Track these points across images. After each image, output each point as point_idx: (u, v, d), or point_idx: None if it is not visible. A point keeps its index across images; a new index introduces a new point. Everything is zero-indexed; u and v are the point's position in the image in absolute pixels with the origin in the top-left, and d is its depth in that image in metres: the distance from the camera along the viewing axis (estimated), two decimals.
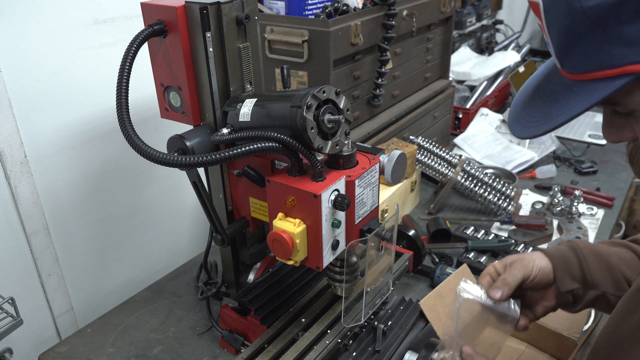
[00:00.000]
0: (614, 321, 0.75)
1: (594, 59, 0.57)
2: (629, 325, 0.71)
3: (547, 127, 0.63)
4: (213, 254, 1.51)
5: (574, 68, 0.61)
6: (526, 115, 0.68)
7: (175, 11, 0.92)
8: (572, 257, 0.94)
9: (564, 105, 0.62)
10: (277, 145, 0.88)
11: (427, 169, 1.80)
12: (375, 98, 1.67)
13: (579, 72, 0.60)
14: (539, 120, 0.65)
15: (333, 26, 1.39)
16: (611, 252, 0.95)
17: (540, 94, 0.69)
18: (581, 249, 0.95)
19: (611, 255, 0.94)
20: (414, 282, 1.45)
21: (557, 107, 0.63)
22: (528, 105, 0.69)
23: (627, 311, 0.73)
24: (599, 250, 0.95)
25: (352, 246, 0.99)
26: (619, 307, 0.75)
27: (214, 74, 0.97)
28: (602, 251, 0.95)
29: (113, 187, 1.46)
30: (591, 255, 0.94)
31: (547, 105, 0.65)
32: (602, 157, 2.12)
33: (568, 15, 0.56)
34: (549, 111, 0.64)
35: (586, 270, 0.93)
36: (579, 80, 0.61)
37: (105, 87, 1.34)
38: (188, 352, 1.24)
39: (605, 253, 0.94)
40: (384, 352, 1.09)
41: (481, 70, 2.61)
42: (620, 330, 0.73)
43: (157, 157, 0.86)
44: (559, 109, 0.62)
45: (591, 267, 0.93)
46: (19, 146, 1.20)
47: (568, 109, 0.61)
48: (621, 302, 0.75)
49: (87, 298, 1.47)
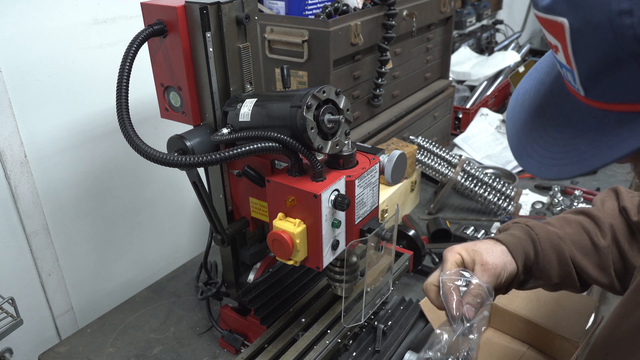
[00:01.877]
0: (612, 322, 0.75)
1: (637, 89, 0.49)
2: (628, 326, 0.70)
3: (583, 170, 0.53)
4: (213, 254, 1.51)
5: (605, 97, 0.52)
6: (539, 149, 0.59)
7: (175, 11, 0.92)
8: (532, 253, 0.94)
9: (595, 142, 0.53)
10: (277, 145, 0.88)
11: (427, 169, 1.79)
12: (375, 98, 1.67)
13: (613, 102, 0.51)
14: (564, 157, 0.55)
15: (333, 26, 1.39)
16: (566, 236, 0.95)
17: (549, 121, 0.60)
18: (540, 241, 0.94)
19: (565, 241, 0.95)
20: (414, 282, 1.45)
21: (586, 143, 0.53)
22: (536, 134, 0.60)
23: (625, 313, 0.72)
24: (555, 241, 0.94)
25: (352, 246, 0.99)
26: (617, 308, 0.75)
27: (214, 74, 0.97)
28: (556, 241, 0.94)
29: (113, 187, 1.46)
30: (548, 248, 0.93)
31: (568, 138, 0.56)
32: None
33: (613, 42, 0.47)
34: (576, 147, 0.54)
35: (542, 267, 0.94)
36: (611, 111, 0.52)
37: (105, 87, 1.34)
38: (188, 352, 1.24)
39: (558, 242, 0.94)
40: (384, 352, 1.09)
41: (481, 70, 2.61)
42: (618, 332, 0.72)
43: (157, 157, 0.86)
44: (590, 146, 0.53)
45: (546, 264, 0.93)
46: (19, 146, 1.20)
47: (606, 147, 0.51)
48: (620, 303, 0.75)
49: (87, 298, 1.47)
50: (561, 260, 0.94)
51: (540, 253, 0.94)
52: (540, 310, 1.16)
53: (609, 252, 0.95)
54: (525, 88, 0.67)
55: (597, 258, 0.95)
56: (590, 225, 0.98)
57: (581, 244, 0.95)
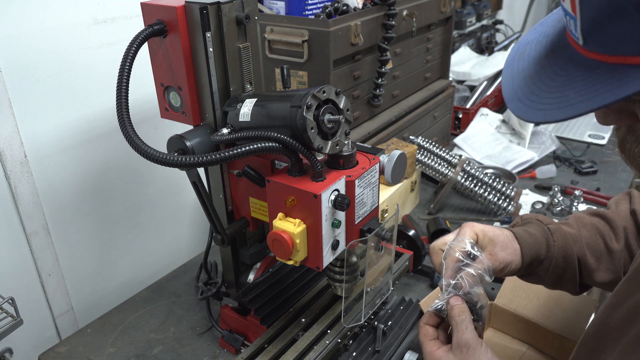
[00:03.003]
0: (603, 312, 0.75)
1: (634, 41, 0.49)
2: (618, 316, 0.70)
3: (566, 114, 0.54)
4: (213, 254, 1.51)
5: (602, 48, 0.52)
6: (530, 94, 0.59)
7: (175, 11, 0.92)
8: (542, 257, 0.95)
9: (584, 90, 0.53)
10: (277, 145, 0.88)
11: (427, 169, 1.79)
12: (375, 98, 1.67)
13: (608, 52, 0.52)
14: (552, 103, 0.56)
15: (333, 26, 1.39)
16: (582, 238, 0.96)
17: (544, 69, 0.60)
18: (555, 247, 0.95)
19: (580, 243, 0.96)
20: (414, 282, 1.45)
21: (575, 91, 0.54)
22: (530, 81, 0.61)
23: (616, 303, 0.72)
24: (568, 249, 0.95)
25: (352, 246, 0.99)
26: (610, 298, 0.75)
27: (214, 74, 0.97)
28: (569, 249, 0.95)
29: (113, 187, 1.46)
30: (560, 257, 0.95)
31: (559, 85, 0.57)
32: (602, 157, 2.12)
33: None
34: (565, 94, 0.55)
35: (547, 271, 0.95)
36: (604, 62, 0.53)
37: (105, 87, 1.34)
38: (188, 352, 1.24)
39: (571, 249, 0.95)
40: (384, 352, 1.09)
41: (481, 70, 2.61)
42: (609, 321, 0.72)
43: (157, 157, 0.86)
44: (578, 94, 0.54)
45: (552, 270, 0.95)
46: (19, 146, 1.20)
47: (593, 95, 0.52)
48: (613, 293, 0.75)
49: (87, 298, 1.47)
50: (568, 269, 0.95)
51: (551, 259, 0.95)
52: (540, 310, 1.16)
53: (622, 256, 0.96)
54: (528, 40, 0.68)
55: (609, 262, 0.96)
56: (605, 228, 0.99)
57: (595, 247, 0.96)
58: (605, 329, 0.73)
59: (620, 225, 0.99)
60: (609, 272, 0.96)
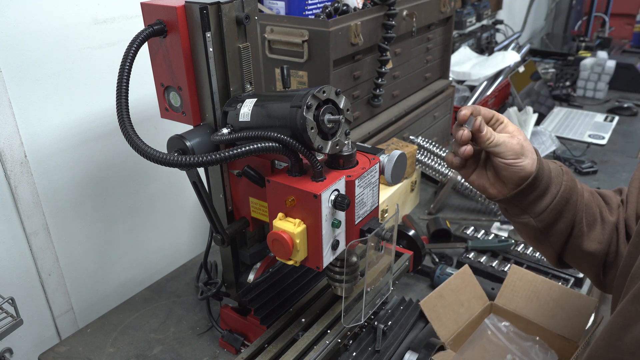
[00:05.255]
0: (610, 333, 0.72)
1: None
2: (630, 339, 0.68)
3: None
4: (213, 254, 1.51)
5: None
6: None
7: (175, 11, 0.92)
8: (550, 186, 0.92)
9: None
10: (277, 145, 0.88)
11: (427, 169, 1.80)
12: (375, 98, 1.67)
13: None
14: None
15: (333, 26, 1.39)
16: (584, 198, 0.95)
17: None
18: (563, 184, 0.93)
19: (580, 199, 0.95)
20: (414, 282, 1.45)
21: None
22: None
23: (625, 324, 0.70)
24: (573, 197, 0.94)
25: (352, 246, 0.99)
26: (615, 318, 0.73)
27: (214, 74, 0.97)
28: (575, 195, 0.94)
29: (113, 187, 1.46)
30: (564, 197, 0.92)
31: None
32: (602, 157, 2.12)
33: None
34: None
35: (545, 208, 0.92)
36: None
37: (105, 87, 1.34)
38: (188, 352, 1.24)
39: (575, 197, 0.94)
40: (384, 352, 1.09)
41: (481, 70, 2.61)
42: (620, 344, 0.70)
43: (157, 157, 0.86)
44: None
45: (551, 209, 0.92)
46: (19, 146, 1.21)
47: None
48: (617, 313, 0.73)
49: (87, 298, 1.47)
50: (564, 217, 0.93)
51: (554, 196, 0.91)
52: (540, 310, 1.16)
53: (612, 230, 0.96)
54: None
55: (600, 231, 0.95)
56: (601, 202, 0.99)
57: (590, 212, 0.95)
58: (614, 350, 0.70)
59: (616, 203, 0.99)
60: (597, 242, 0.95)
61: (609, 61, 2.74)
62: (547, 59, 3.31)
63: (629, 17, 4.48)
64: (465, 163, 0.94)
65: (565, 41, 3.88)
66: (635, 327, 0.68)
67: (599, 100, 2.77)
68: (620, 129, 2.40)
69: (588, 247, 0.95)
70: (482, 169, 0.95)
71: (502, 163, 0.89)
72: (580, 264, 1.00)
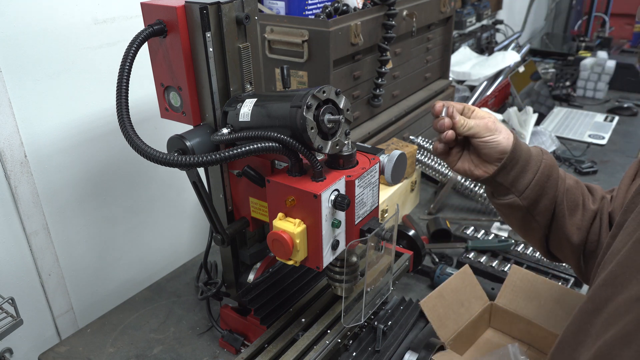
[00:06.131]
0: (580, 317, 0.75)
1: None
2: (600, 320, 0.70)
3: None
4: (213, 254, 1.51)
5: None
6: None
7: (175, 11, 0.92)
8: (530, 161, 0.97)
9: None
10: (277, 145, 0.88)
11: (427, 169, 1.80)
12: (375, 98, 1.67)
13: None
14: None
15: (333, 26, 1.39)
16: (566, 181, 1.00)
17: None
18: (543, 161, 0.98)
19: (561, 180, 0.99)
20: (414, 282, 1.45)
21: None
22: None
23: (594, 308, 0.72)
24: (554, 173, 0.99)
25: (352, 246, 0.99)
26: (585, 305, 0.75)
27: (214, 74, 0.97)
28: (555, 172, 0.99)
29: (113, 187, 1.46)
30: (545, 172, 0.97)
31: None
32: (602, 157, 2.12)
33: None
34: None
35: (528, 184, 0.97)
36: None
37: (105, 87, 1.34)
38: (188, 352, 1.24)
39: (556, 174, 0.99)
40: (384, 352, 1.09)
41: (481, 70, 2.61)
42: (589, 328, 0.72)
43: (157, 157, 0.86)
44: None
45: (534, 185, 0.97)
46: (19, 146, 1.21)
47: None
48: (587, 299, 0.75)
49: (87, 298, 1.47)
50: (547, 193, 0.98)
51: (535, 171, 0.97)
52: (540, 311, 1.16)
53: (592, 217, 1.00)
54: None
55: (579, 217, 0.99)
56: (585, 191, 1.03)
57: (572, 197, 1.00)
58: (583, 335, 0.73)
59: (599, 194, 1.03)
60: (576, 228, 0.99)
61: (609, 61, 2.74)
62: (547, 59, 3.31)
63: (629, 17, 4.48)
64: (449, 149, 1.02)
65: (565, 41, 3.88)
66: (604, 311, 0.70)
67: (599, 100, 2.77)
68: (620, 129, 2.40)
69: (569, 231, 0.99)
70: (465, 155, 1.02)
71: (479, 142, 0.97)
72: (563, 250, 1.03)
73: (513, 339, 1.21)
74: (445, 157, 1.03)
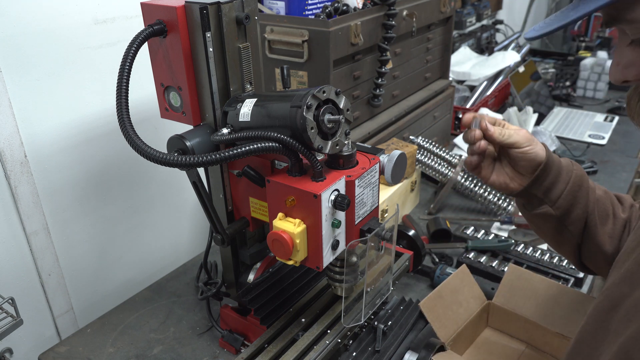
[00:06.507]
0: (597, 317, 0.75)
1: None
2: (616, 319, 0.71)
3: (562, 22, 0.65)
4: (213, 254, 1.51)
5: None
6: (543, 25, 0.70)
7: (175, 11, 0.92)
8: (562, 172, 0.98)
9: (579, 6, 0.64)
10: (277, 145, 0.88)
11: (427, 169, 1.80)
12: (375, 98, 1.67)
13: None
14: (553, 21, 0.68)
15: (333, 26, 1.39)
16: (596, 192, 1.01)
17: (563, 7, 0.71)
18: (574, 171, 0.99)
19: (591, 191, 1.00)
20: (414, 282, 1.45)
21: (575, 11, 0.65)
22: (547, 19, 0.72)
23: (612, 305, 0.72)
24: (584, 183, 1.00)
25: (352, 246, 0.99)
26: (602, 302, 0.75)
27: (214, 74, 0.97)
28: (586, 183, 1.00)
29: (113, 187, 1.46)
30: (577, 182, 0.98)
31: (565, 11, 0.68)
32: (602, 157, 2.12)
33: None
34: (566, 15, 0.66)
35: (561, 194, 0.97)
36: None
37: (105, 87, 1.34)
38: (188, 352, 1.24)
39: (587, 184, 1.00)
40: (384, 352, 1.09)
41: (481, 70, 2.61)
42: (607, 325, 0.72)
43: (157, 157, 0.86)
44: (575, 10, 0.65)
45: (566, 194, 0.97)
46: (19, 146, 1.21)
47: (585, 6, 0.63)
48: (604, 297, 0.75)
49: (87, 298, 1.47)
50: (579, 201, 0.98)
51: (567, 181, 0.97)
52: (538, 309, 1.17)
53: (624, 226, 1.00)
54: None
55: (610, 226, 0.99)
56: (614, 200, 1.03)
57: (603, 207, 1.00)
58: (602, 333, 0.73)
59: (628, 202, 1.04)
60: (608, 236, 0.99)
61: (609, 61, 2.74)
62: (547, 59, 3.31)
63: None
64: (482, 159, 1.01)
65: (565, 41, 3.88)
66: (622, 307, 0.70)
67: (599, 100, 2.77)
68: (620, 129, 2.40)
69: (601, 240, 0.98)
70: (499, 168, 1.01)
71: (518, 153, 0.96)
72: (596, 260, 1.02)
73: (511, 337, 1.21)
74: (478, 172, 1.02)
